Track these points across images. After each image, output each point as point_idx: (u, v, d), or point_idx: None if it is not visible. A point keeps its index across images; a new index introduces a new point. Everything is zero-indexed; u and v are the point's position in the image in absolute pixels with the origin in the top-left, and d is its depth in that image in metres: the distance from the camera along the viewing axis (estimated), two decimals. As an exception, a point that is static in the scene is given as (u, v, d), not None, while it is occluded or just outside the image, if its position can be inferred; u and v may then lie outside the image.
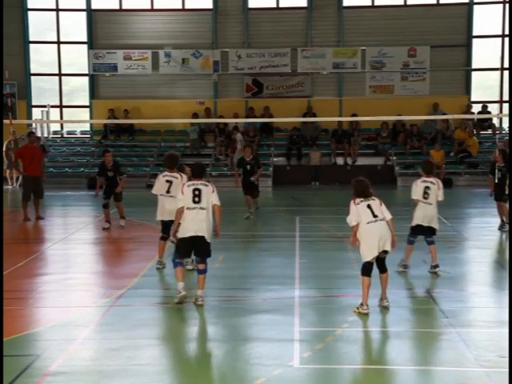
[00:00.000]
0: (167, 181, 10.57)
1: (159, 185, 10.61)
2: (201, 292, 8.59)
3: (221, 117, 25.66)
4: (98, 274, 11.01)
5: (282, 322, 7.84)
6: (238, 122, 26.47)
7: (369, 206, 8.17)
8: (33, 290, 9.55)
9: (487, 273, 10.66)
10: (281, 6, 27.73)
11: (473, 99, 27.48)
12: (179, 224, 8.60)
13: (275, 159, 26.29)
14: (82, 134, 28.84)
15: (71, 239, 13.82)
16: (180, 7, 27.96)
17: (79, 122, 29.88)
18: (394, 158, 25.93)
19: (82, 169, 25.99)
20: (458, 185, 24.53)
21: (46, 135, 27.89)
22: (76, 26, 28.39)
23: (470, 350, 6.78)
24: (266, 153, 26.57)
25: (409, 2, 27.32)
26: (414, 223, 10.21)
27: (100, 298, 9.07)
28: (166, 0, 28.00)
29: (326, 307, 8.50)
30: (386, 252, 8.20)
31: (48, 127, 28.33)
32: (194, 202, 8.57)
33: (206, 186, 8.73)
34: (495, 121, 27.35)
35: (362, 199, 8.24)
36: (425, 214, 10.12)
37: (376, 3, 27.51)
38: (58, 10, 27.89)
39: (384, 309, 8.17)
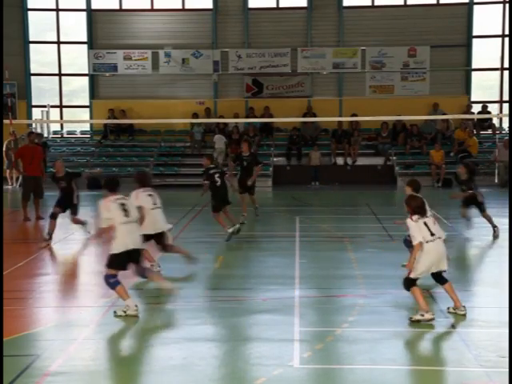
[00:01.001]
0: (149, 195, 10.34)
1: (143, 201, 10.13)
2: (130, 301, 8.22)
3: (221, 117, 25.67)
4: (98, 274, 11.00)
5: (281, 321, 7.84)
6: (238, 121, 26.49)
7: (425, 224, 7.83)
8: (33, 290, 9.54)
9: (487, 273, 10.66)
10: (281, 6, 27.74)
11: (473, 99, 27.49)
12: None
13: (275, 159, 26.30)
14: (81, 134, 28.86)
15: (71, 239, 13.81)
16: (180, 7, 27.97)
17: (79, 121, 29.89)
18: (394, 157, 25.93)
19: (82, 169, 25.92)
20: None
21: (46, 135, 27.87)
22: (76, 26, 28.42)
23: (469, 350, 6.78)
24: (266, 153, 26.57)
25: (409, 2, 27.33)
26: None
27: (100, 297, 9.07)
28: (166, 0, 28.01)
29: (325, 307, 8.50)
30: (443, 271, 7.95)
31: (48, 127, 28.34)
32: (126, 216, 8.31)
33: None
34: (495, 121, 27.36)
35: (418, 216, 7.87)
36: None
37: (376, 3, 27.52)
38: (57, 9, 27.91)
39: (462, 316, 7.94)
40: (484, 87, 28.79)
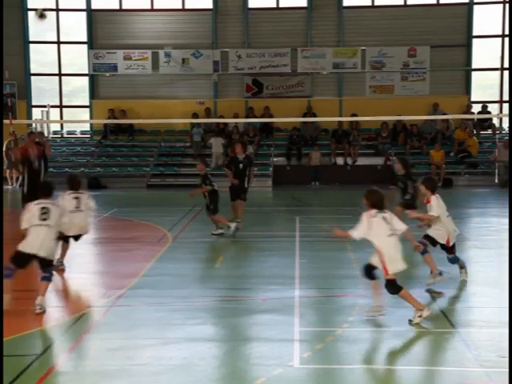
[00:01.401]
0: (75, 197, 10.63)
1: (66, 202, 10.47)
2: (40, 299, 8.25)
3: (221, 117, 25.67)
4: (98, 274, 11.02)
5: (282, 321, 7.84)
6: (237, 122, 26.50)
7: (384, 219, 7.79)
8: (33, 290, 9.53)
9: (487, 273, 10.65)
10: (281, 6, 27.76)
11: (473, 99, 27.51)
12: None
13: (275, 159, 26.31)
14: (81, 134, 28.88)
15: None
16: (180, 7, 27.98)
17: (79, 121, 29.91)
18: (394, 158, 25.91)
19: (82, 169, 25.97)
20: (458, 185, 24.56)
21: (46, 135, 27.86)
22: (76, 26, 28.43)
23: (469, 350, 6.78)
24: (265, 153, 26.59)
25: (409, 2, 27.35)
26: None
27: (100, 298, 9.07)
28: (166, 0, 28.01)
29: (325, 307, 8.50)
30: None
31: (48, 127, 28.34)
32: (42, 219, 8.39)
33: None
34: (495, 121, 27.38)
35: (377, 211, 7.86)
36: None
37: (376, 3, 27.54)
38: (57, 9, 27.91)
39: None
40: (484, 87, 28.80)
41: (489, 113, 27.07)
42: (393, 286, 7.70)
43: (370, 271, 7.93)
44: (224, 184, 14.67)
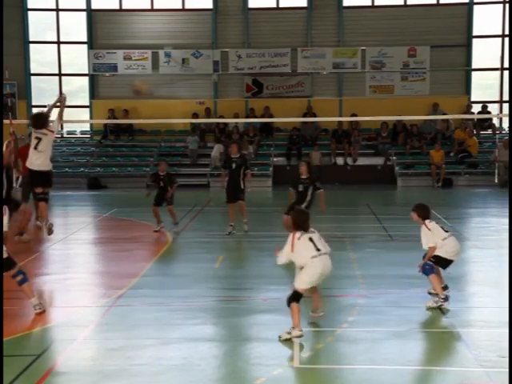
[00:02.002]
0: (36, 137, 11.16)
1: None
2: (35, 299, 8.19)
3: (221, 117, 25.67)
4: (98, 274, 11.02)
5: (281, 322, 7.82)
6: (238, 121, 26.51)
7: (311, 240, 7.46)
8: (33, 290, 9.52)
9: (487, 273, 10.65)
10: (281, 6, 27.75)
11: (473, 99, 27.50)
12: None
13: (275, 159, 26.30)
14: (82, 134, 28.88)
15: (71, 239, 13.82)
16: (180, 7, 27.98)
17: (79, 122, 29.87)
18: (394, 157, 25.94)
19: (82, 169, 26.00)
20: (458, 185, 24.56)
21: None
22: (76, 26, 28.41)
23: (470, 350, 6.78)
24: (265, 153, 26.59)
25: (409, 2, 27.35)
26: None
27: (100, 297, 9.07)
28: (166, 0, 28.01)
29: (325, 307, 8.49)
30: None
31: (48, 127, 28.29)
32: None
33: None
34: (495, 121, 27.38)
35: (302, 232, 7.45)
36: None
37: (376, 3, 27.53)
38: (57, 9, 27.92)
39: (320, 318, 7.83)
40: (484, 87, 28.80)
41: (489, 113, 27.06)
42: (294, 297, 7.30)
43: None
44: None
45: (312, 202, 12.73)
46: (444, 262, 8.43)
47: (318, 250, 7.40)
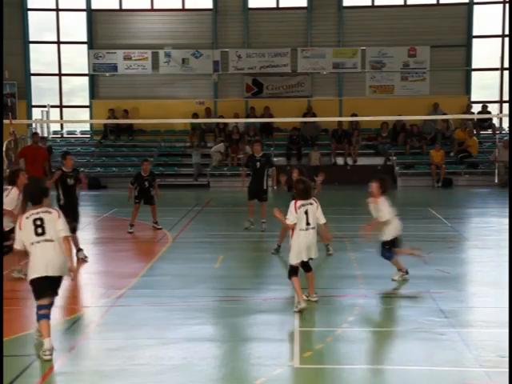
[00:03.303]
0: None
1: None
2: (48, 343, 6.62)
3: (221, 117, 25.67)
4: (98, 273, 11.01)
5: (281, 321, 7.84)
6: (238, 121, 26.50)
7: (306, 212, 8.32)
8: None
9: (487, 273, 10.65)
10: (281, 6, 27.74)
11: (473, 99, 27.49)
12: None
13: (275, 159, 26.27)
14: (81, 133, 28.86)
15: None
16: (180, 7, 27.97)
17: (79, 121, 29.88)
18: (394, 157, 25.94)
19: (82, 169, 25.94)
20: (458, 185, 24.55)
21: (46, 135, 27.89)
22: (76, 26, 28.40)
23: (470, 350, 6.78)
24: (265, 153, 26.54)
25: (409, 2, 27.34)
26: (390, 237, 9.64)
27: (100, 297, 9.08)
28: (166, 0, 28.01)
29: (326, 307, 8.50)
30: (311, 259, 8.47)
31: (48, 127, 28.34)
32: (37, 234, 6.97)
33: (50, 213, 7.06)
34: (495, 121, 27.37)
35: (302, 202, 8.32)
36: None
37: (376, 3, 27.52)
38: (57, 9, 27.91)
39: (314, 303, 8.49)
40: (484, 87, 28.79)
41: (489, 113, 27.06)
42: (291, 272, 8.35)
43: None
44: (224, 184, 14.66)
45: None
46: (395, 242, 9.56)
47: (308, 224, 8.31)
